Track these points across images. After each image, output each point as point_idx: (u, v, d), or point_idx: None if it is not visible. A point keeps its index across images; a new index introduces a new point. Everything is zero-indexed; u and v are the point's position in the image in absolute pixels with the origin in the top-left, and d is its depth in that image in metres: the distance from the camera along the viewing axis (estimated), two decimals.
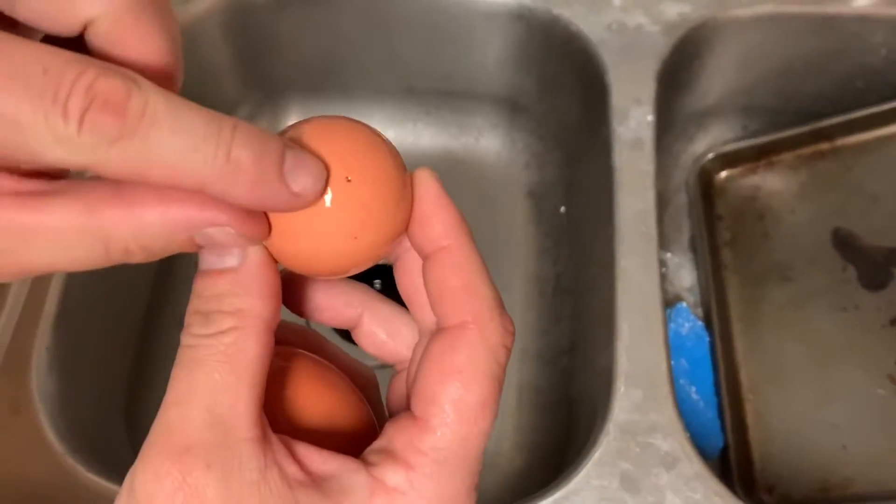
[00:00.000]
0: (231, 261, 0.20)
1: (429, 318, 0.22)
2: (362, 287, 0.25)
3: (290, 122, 0.80)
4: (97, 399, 0.53)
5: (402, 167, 0.21)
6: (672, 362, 0.58)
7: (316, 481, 0.19)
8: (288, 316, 0.23)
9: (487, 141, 0.72)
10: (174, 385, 0.19)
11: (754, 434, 0.58)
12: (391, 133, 0.72)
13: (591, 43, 0.58)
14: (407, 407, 0.21)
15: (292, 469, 0.19)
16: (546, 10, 0.60)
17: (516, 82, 0.68)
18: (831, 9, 0.59)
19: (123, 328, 0.57)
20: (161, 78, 0.19)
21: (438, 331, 0.21)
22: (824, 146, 0.64)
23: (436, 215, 0.21)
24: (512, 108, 0.70)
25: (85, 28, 0.18)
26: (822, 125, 0.63)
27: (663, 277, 0.65)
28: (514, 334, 0.21)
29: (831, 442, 0.54)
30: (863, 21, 0.59)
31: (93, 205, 0.18)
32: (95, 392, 0.53)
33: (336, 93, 0.71)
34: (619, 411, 0.46)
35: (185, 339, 0.19)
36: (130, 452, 0.54)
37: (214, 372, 0.18)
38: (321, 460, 0.19)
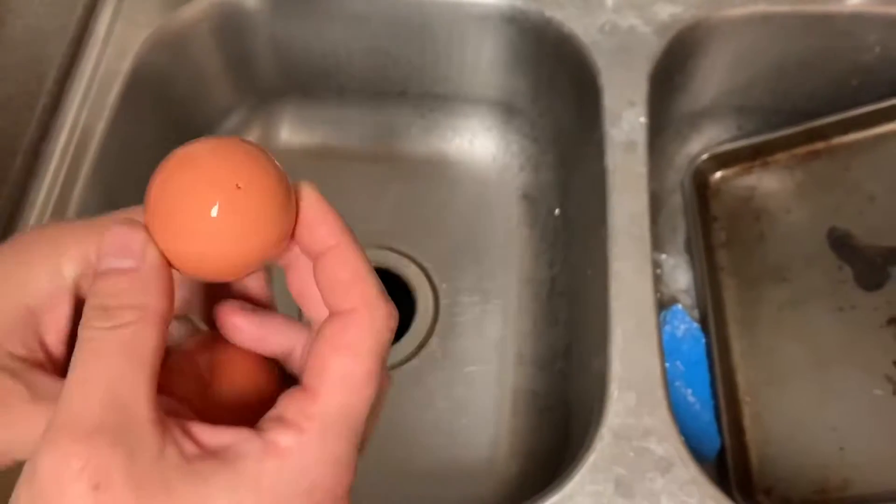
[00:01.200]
0: (130, 262, 0.22)
1: (321, 313, 0.24)
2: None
3: (284, 127, 0.79)
4: None
5: (287, 181, 0.23)
6: (668, 364, 0.58)
7: (212, 453, 0.20)
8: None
9: (482, 144, 0.71)
10: (76, 376, 0.20)
11: (752, 436, 0.57)
12: (385, 137, 0.72)
13: (584, 45, 0.58)
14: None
15: (188, 445, 0.20)
16: (538, 11, 0.60)
17: (510, 85, 0.68)
18: (824, 7, 0.59)
19: None
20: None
21: (330, 316, 0.23)
22: (820, 145, 0.64)
23: (322, 220, 0.23)
24: (506, 110, 0.70)
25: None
26: (817, 124, 0.63)
27: (659, 279, 0.65)
28: (397, 319, 0.23)
29: (829, 443, 0.54)
30: (856, 19, 0.59)
31: None
32: None
33: (329, 97, 0.71)
34: (614, 416, 0.45)
35: (86, 333, 0.21)
36: None
37: (116, 361, 0.20)
38: (214, 434, 0.21)
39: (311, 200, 0.24)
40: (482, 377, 0.62)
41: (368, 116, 0.72)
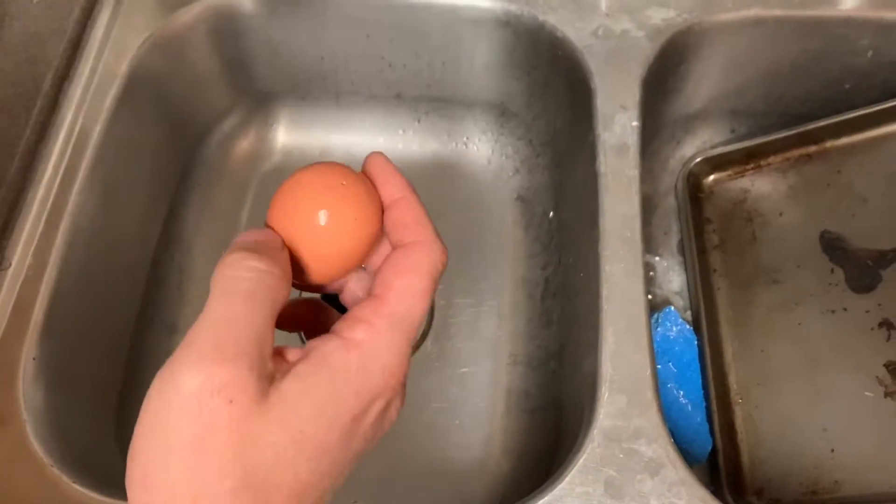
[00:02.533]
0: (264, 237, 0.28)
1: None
2: None
3: (280, 130, 0.80)
4: (85, 410, 0.53)
5: (374, 192, 0.30)
6: (660, 366, 0.59)
7: (305, 360, 0.25)
8: None
9: (477, 146, 0.72)
10: (224, 313, 0.24)
11: (743, 437, 0.58)
12: (381, 139, 0.73)
13: (577, 49, 0.58)
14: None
15: (286, 363, 0.25)
16: (532, 16, 0.60)
17: (504, 88, 0.68)
18: (817, 11, 0.59)
19: (112, 338, 0.58)
20: None
21: (395, 248, 0.29)
22: (812, 149, 0.64)
23: (390, 180, 0.30)
24: (501, 113, 0.70)
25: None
26: (810, 128, 0.63)
27: (652, 281, 0.65)
28: (446, 258, 0.30)
29: (820, 445, 0.54)
30: (848, 23, 0.59)
31: None
32: (83, 403, 0.53)
33: (326, 100, 0.72)
34: (604, 417, 0.46)
35: (236, 270, 0.25)
36: (120, 463, 0.54)
37: (261, 302, 0.25)
38: (301, 350, 0.26)
39: (380, 164, 0.30)
40: (476, 378, 0.62)
41: (364, 119, 0.72)
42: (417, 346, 0.63)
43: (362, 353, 0.25)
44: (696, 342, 0.61)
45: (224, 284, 0.25)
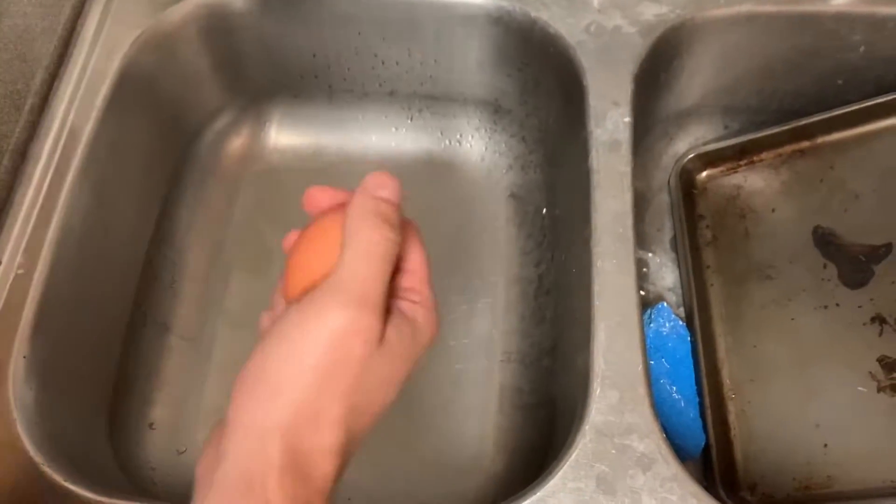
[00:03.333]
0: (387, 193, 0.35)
1: None
2: None
3: (273, 128, 0.79)
4: (77, 408, 0.53)
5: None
6: (653, 362, 0.59)
7: (395, 313, 0.31)
8: None
9: (469, 144, 0.72)
10: (367, 266, 0.30)
11: (736, 433, 0.58)
12: (374, 137, 0.72)
13: (570, 45, 0.58)
14: None
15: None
16: (524, 12, 0.60)
17: (497, 85, 0.68)
18: (809, 7, 0.59)
19: (104, 337, 0.57)
20: None
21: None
22: (805, 144, 0.64)
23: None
24: (493, 110, 0.70)
25: None
26: (803, 123, 0.63)
27: (645, 277, 0.65)
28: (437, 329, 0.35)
29: (813, 440, 0.54)
30: (841, 19, 0.59)
31: None
32: (75, 401, 0.52)
33: (318, 98, 0.71)
34: (596, 413, 0.46)
35: (377, 236, 0.30)
36: (112, 463, 0.54)
37: (390, 264, 0.31)
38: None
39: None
40: (469, 375, 0.62)
41: (357, 117, 0.72)
42: None
43: (425, 313, 0.33)
44: (689, 338, 0.61)
45: (366, 247, 0.30)
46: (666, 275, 0.66)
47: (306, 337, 0.28)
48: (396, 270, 0.34)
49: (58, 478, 0.45)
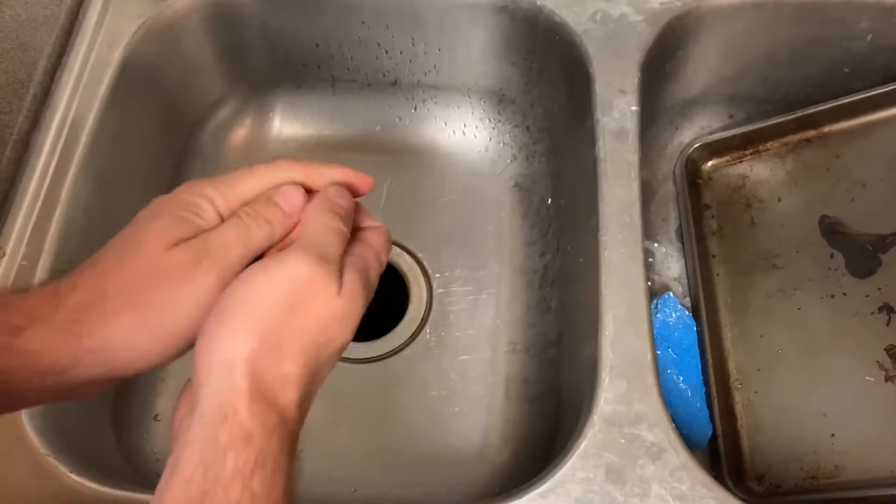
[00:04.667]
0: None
1: None
2: None
3: (276, 118, 0.79)
4: (82, 400, 0.52)
5: None
6: (660, 352, 0.58)
7: (347, 264, 0.33)
8: None
9: (474, 133, 0.71)
10: (323, 237, 0.32)
11: (743, 423, 0.57)
12: (378, 127, 0.72)
13: (575, 33, 0.58)
14: None
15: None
16: (530, 0, 0.60)
17: (502, 74, 0.67)
18: None
19: None
20: None
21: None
22: (811, 133, 0.64)
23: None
24: (498, 100, 0.70)
25: None
26: (809, 112, 0.63)
27: (651, 267, 0.65)
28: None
29: (820, 430, 0.54)
30: (847, 7, 0.59)
31: None
32: None
33: (322, 88, 0.71)
34: (605, 402, 0.46)
35: (331, 221, 0.33)
36: (117, 454, 0.54)
37: (343, 239, 0.33)
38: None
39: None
40: (475, 365, 0.62)
41: (360, 107, 0.71)
42: (416, 332, 0.63)
43: (376, 270, 0.35)
44: (695, 328, 0.61)
45: (324, 226, 0.33)
46: (672, 265, 0.66)
47: (271, 279, 0.30)
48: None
49: (63, 469, 0.44)
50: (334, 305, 0.31)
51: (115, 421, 0.56)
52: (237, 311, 0.30)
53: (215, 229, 0.33)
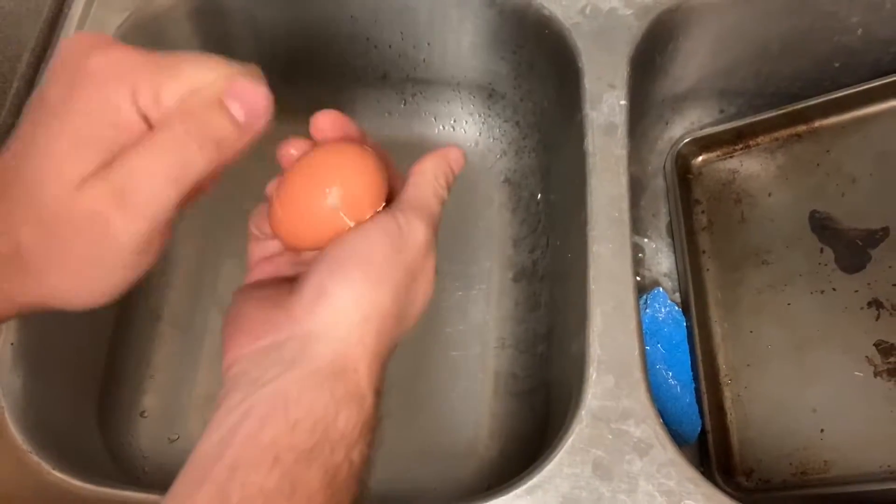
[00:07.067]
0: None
1: None
2: None
3: None
4: (66, 396, 0.52)
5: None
6: (649, 347, 0.58)
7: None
8: None
9: (463, 129, 0.71)
10: (430, 200, 0.33)
11: (732, 418, 0.57)
12: (367, 122, 0.71)
13: (564, 27, 0.58)
14: None
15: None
16: None
17: (491, 69, 0.67)
18: None
19: (95, 322, 0.57)
20: None
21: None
22: (801, 128, 0.64)
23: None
24: (487, 94, 0.69)
25: None
26: (799, 107, 0.63)
27: (641, 263, 0.65)
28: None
29: (810, 425, 0.54)
30: (838, 1, 0.59)
31: None
32: (64, 389, 0.52)
33: (310, 82, 0.70)
34: (592, 398, 0.45)
35: (442, 182, 0.34)
36: (103, 451, 0.54)
37: (441, 202, 0.34)
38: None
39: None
40: (465, 361, 0.62)
41: (350, 102, 0.71)
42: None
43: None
44: (684, 323, 0.61)
45: (435, 196, 0.33)
46: (661, 260, 0.65)
47: (407, 243, 0.30)
48: None
49: (46, 466, 0.44)
50: (433, 278, 0.31)
51: (101, 418, 0.55)
52: (376, 267, 0.29)
53: (137, 153, 0.25)
